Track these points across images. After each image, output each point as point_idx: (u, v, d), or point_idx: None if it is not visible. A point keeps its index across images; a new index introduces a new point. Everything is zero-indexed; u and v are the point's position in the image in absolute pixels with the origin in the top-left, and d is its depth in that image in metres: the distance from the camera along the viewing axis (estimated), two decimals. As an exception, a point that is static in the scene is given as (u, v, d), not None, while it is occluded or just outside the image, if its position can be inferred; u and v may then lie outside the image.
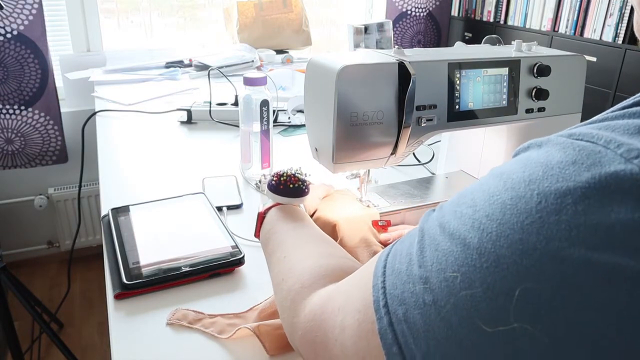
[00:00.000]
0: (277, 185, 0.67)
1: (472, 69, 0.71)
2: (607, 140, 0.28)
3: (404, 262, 0.34)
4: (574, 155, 0.28)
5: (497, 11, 2.46)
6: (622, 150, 0.27)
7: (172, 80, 1.84)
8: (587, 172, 0.27)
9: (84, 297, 2.11)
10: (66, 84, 2.07)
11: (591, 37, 2.02)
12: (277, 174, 0.69)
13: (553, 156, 0.29)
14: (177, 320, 0.65)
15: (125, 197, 0.94)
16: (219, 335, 0.63)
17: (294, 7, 2.31)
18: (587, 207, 0.26)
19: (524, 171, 0.30)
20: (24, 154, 2.06)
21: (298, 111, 1.48)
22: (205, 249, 0.76)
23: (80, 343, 1.85)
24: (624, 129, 0.28)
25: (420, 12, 2.64)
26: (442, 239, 0.32)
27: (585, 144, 0.29)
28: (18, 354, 1.46)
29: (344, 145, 0.66)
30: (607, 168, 0.26)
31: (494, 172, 0.34)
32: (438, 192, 0.87)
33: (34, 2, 1.87)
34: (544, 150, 0.31)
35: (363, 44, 2.06)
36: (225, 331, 0.63)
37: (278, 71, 1.83)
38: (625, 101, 0.32)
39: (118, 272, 0.71)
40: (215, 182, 1.02)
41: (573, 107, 0.82)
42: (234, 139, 1.26)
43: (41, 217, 2.21)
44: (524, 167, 0.31)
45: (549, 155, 0.30)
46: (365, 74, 0.64)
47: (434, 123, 0.70)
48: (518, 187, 0.29)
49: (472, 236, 0.30)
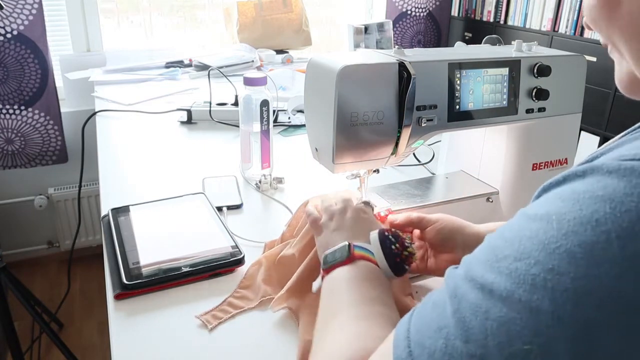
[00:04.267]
0: (396, 255, 0.56)
1: (473, 69, 0.71)
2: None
3: (437, 338, 0.28)
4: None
5: (497, 11, 2.46)
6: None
7: (172, 80, 1.84)
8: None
9: (84, 297, 2.11)
10: (66, 84, 2.06)
11: (591, 37, 2.02)
12: (399, 236, 0.58)
13: (613, 186, 0.25)
14: (211, 321, 0.65)
15: (125, 197, 0.94)
16: (250, 307, 0.68)
17: (294, 7, 2.31)
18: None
19: (580, 209, 0.25)
20: (24, 154, 2.06)
21: (298, 111, 1.48)
22: (205, 249, 0.76)
23: (80, 343, 1.85)
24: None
25: (420, 12, 2.64)
26: (491, 304, 0.27)
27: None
28: (18, 354, 1.46)
29: (344, 145, 0.66)
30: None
31: (530, 213, 0.29)
32: (438, 192, 0.87)
33: (34, 2, 1.87)
34: (594, 180, 0.26)
35: (363, 44, 2.06)
36: (248, 299, 0.69)
37: (278, 71, 1.83)
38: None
39: (118, 272, 0.71)
40: (215, 182, 1.02)
41: (573, 107, 0.82)
42: (234, 139, 1.26)
43: (41, 217, 2.21)
44: (576, 204, 0.26)
45: (606, 186, 0.25)
46: (365, 74, 0.64)
47: (434, 123, 0.70)
48: (583, 231, 0.25)
49: (538, 297, 0.25)
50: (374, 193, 0.84)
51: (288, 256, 0.71)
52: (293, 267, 0.70)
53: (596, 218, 0.24)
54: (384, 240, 0.56)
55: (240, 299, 0.69)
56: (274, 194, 1.00)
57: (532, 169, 0.83)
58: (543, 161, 0.84)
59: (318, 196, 0.78)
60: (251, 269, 0.74)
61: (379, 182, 0.87)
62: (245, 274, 0.74)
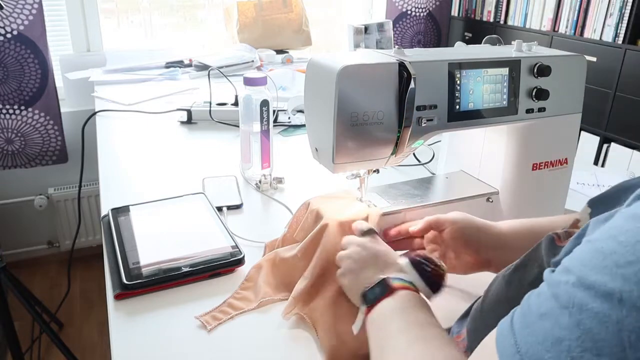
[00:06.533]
0: (433, 275, 0.58)
1: (473, 69, 0.71)
2: None
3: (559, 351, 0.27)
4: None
5: (497, 11, 2.46)
6: None
7: (172, 80, 1.84)
8: None
9: (84, 297, 2.11)
10: (66, 84, 2.07)
11: (591, 37, 2.02)
12: (425, 255, 0.60)
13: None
14: (211, 322, 0.65)
15: (125, 197, 0.94)
16: (250, 308, 0.68)
17: (294, 7, 2.31)
18: None
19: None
20: (24, 154, 2.06)
21: (298, 111, 1.48)
22: (205, 249, 0.76)
23: (80, 343, 1.85)
24: None
25: (420, 12, 2.64)
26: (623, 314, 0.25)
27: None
28: (18, 354, 1.46)
29: (344, 145, 0.66)
30: None
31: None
32: (438, 192, 0.87)
33: (34, 2, 1.87)
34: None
35: (363, 44, 2.06)
36: (248, 300, 0.69)
37: (278, 71, 1.83)
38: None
39: (118, 272, 0.71)
40: (215, 182, 1.02)
41: (573, 107, 0.82)
42: (234, 139, 1.26)
43: (41, 217, 2.21)
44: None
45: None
46: (365, 74, 0.64)
47: (434, 123, 0.70)
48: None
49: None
50: (374, 193, 0.84)
51: (290, 258, 0.71)
52: (295, 269, 0.70)
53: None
54: (418, 265, 0.58)
55: (240, 300, 0.69)
56: (274, 194, 1.00)
57: (532, 169, 0.83)
58: (543, 161, 0.84)
59: (319, 196, 0.78)
60: (252, 270, 0.74)
61: (379, 182, 0.87)
62: (247, 275, 0.73)
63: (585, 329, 0.26)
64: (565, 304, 0.28)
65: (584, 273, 0.28)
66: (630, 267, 0.26)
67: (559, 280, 0.29)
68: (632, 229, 0.27)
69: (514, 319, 0.31)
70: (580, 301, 0.27)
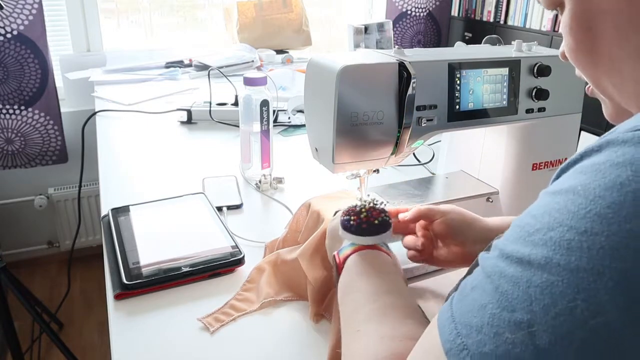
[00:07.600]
0: (359, 225, 0.57)
1: (473, 69, 0.71)
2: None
3: (483, 314, 0.30)
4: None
5: (497, 11, 2.46)
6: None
7: (172, 80, 1.84)
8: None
9: (84, 297, 2.11)
10: (66, 84, 2.07)
11: (591, 37, 2.02)
12: (353, 210, 0.59)
13: (631, 152, 0.27)
14: (213, 324, 0.65)
15: (125, 197, 0.94)
16: (252, 309, 0.68)
17: (294, 7, 2.31)
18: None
19: (603, 177, 0.27)
20: (24, 154, 2.06)
21: (298, 111, 1.48)
22: (205, 249, 0.76)
23: (80, 343, 1.85)
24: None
25: (420, 12, 2.64)
26: (530, 274, 0.28)
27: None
28: (18, 354, 1.46)
29: (344, 145, 0.66)
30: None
31: (554, 190, 0.31)
32: (438, 192, 0.87)
33: (34, 2, 1.87)
34: (611, 152, 0.28)
35: (363, 44, 2.06)
36: (250, 301, 0.69)
37: (278, 71, 1.83)
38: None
39: (118, 272, 0.71)
40: (215, 182, 1.02)
41: (573, 107, 0.82)
42: (234, 139, 1.26)
43: (41, 217, 2.21)
44: (598, 174, 0.28)
45: (624, 154, 0.27)
46: (365, 74, 0.64)
47: (434, 123, 0.70)
48: (610, 194, 0.27)
49: (576, 258, 0.26)
50: (374, 193, 0.84)
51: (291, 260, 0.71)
52: (297, 269, 0.70)
53: (620, 182, 0.26)
54: (346, 225, 0.58)
55: (242, 301, 0.69)
56: (274, 194, 1.00)
57: (532, 169, 0.83)
58: (543, 161, 0.84)
59: (319, 197, 0.78)
60: (253, 272, 0.74)
61: (379, 182, 0.87)
62: (248, 277, 0.73)
63: (503, 291, 0.29)
64: (489, 274, 0.31)
65: (504, 246, 0.31)
66: (537, 234, 0.29)
67: (487, 256, 0.33)
68: (543, 204, 0.31)
69: (454, 297, 0.34)
70: (500, 270, 0.30)
